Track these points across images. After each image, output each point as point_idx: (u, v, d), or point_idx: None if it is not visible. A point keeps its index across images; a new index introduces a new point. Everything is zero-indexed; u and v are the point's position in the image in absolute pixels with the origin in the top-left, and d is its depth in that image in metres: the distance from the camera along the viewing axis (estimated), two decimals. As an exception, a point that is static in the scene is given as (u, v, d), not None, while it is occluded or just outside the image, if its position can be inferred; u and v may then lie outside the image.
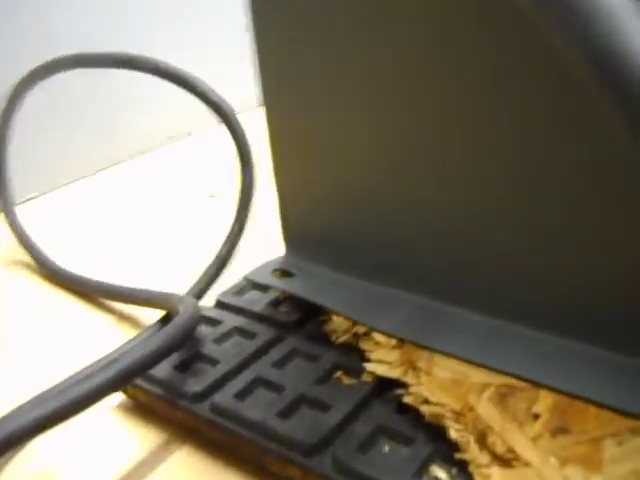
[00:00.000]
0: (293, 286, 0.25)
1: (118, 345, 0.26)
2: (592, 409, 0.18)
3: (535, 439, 0.17)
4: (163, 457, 0.22)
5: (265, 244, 0.29)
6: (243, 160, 0.30)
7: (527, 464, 0.17)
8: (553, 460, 0.17)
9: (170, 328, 0.23)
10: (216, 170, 0.45)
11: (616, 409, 0.18)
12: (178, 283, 0.29)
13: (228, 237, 0.30)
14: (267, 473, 0.21)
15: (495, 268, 0.21)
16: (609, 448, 0.17)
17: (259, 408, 0.21)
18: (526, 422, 0.18)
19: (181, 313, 0.24)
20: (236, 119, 0.30)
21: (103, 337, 0.29)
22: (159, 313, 0.27)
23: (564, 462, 0.17)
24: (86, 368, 0.24)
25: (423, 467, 0.18)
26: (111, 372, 0.20)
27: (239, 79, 0.43)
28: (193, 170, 0.47)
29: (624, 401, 0.18)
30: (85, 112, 0.47)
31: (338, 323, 0.23)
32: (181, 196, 0.43)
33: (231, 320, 0.26)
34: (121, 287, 0.30)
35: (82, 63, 0.33)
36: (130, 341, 0.26)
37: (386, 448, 0.19)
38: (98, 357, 0.25)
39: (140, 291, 0.29)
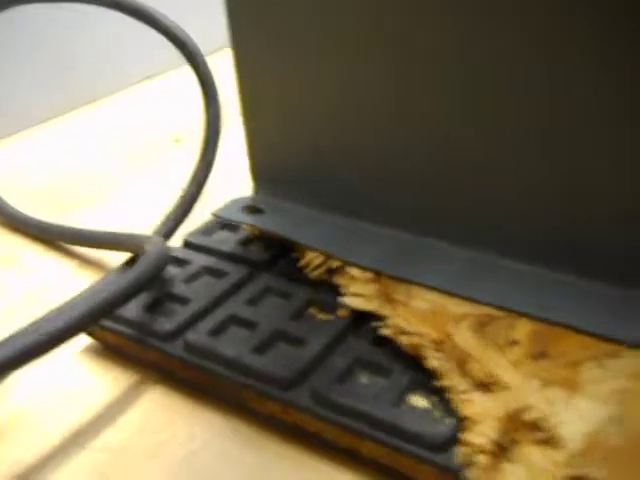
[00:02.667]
0: (264, 222, 0.24)
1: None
2: (571, 335, 0.18)
3: (515, 364, 0.17)
4: (135, 399, 0.22)
5: (232, 184, 0.28)
6: (208, 98, 0.29)
7: (507, 387, 0.17)
8: (534, 382, 0.17)
9: (139, 266, 0.22)
10: (180, 114, 0.44)
11: (596, 334, 0.18)
12: (143, 228, 0.29)
13: (194, 177, 0.29)
14: (246, 410, 0.20)
15: (473, 198, 0.21)
16: (589, 370, 0.17)
17: (234, 345, 0.21)
18: (506, 348, 0.18)
19: (149, 252, 0.23)
20: (201, 55, 0.29)
21: (67, 283, 0.28)
22: (124, 257, 0.26)
23: (545, 384, 0.17)
24: (53, 310, 0.24)
25: (401, 396, 0.18)
26: (81, 309, 0.20)
27: (207, 19, 0.42)
28: (156, 114, 0.46)
29: (605, 327, 0.18)
30: (38, 57, 0.45)
31: (311, 259, 0.23)
32: (145, 141, 0.41)
33: (200, 260, 0.25)
34: (84, 230, 0.29)
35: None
36: (96, 283, 0.25)
37: (364, 380, 0.19)
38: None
39: (104, 234, 0.28)
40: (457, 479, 0.16)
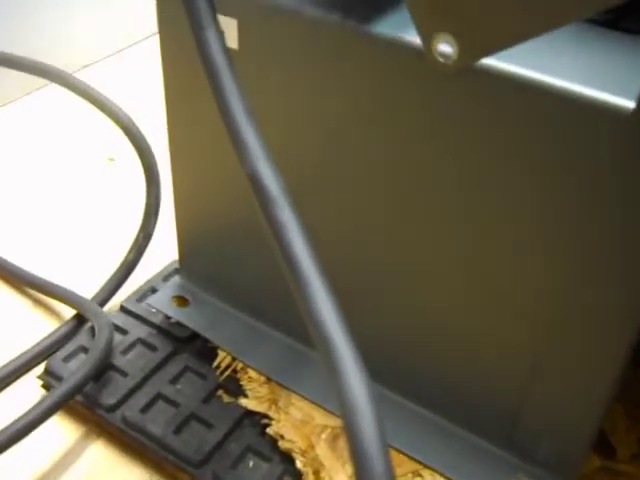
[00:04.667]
0: (187, 317, 0.31)
1: (36, 330, 0.33)
2: (400, 456, 0.27)
3: (351, 477, 0.26)
4: (82, 447, 0.29)
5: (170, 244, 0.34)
6: (150, 182, 0.35)
7: (342, 496, 0.25)
8: (360, 495, 0.25)
9: (92, 356, 0.29)
10: (114, 132, 0.48)
11: (410, 456, 0.27)
12: (88, 262, 0.35)
13: (134, 244, 0.35)
14: (166, 472, 0.28)
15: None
16: (397, 487, 0.26)
17: (159, 423, 0.28)
18: (348, 461, 0.26)
19: (98, 337, 0.30)
20: (145, 142, 0.35)
21: (22, 321, 0.34)
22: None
23: (367, 496, 0.25)
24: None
25: (276, 482, 0.27)
26: (53, 399, 0.27)
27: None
28: (83, 125, 0.49)
29: (419, 451, 0.27)
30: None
31: (221, 360, 0.30)
32: (76, 158, 0.46)
33: (135, 330, 0.32)
34: (38, 278, 0.35)
35: None
36: (50, 338, 0.32)
37: (251, 463, 0.28)
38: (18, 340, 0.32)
39: (57, 287, 0.34)
40: None
